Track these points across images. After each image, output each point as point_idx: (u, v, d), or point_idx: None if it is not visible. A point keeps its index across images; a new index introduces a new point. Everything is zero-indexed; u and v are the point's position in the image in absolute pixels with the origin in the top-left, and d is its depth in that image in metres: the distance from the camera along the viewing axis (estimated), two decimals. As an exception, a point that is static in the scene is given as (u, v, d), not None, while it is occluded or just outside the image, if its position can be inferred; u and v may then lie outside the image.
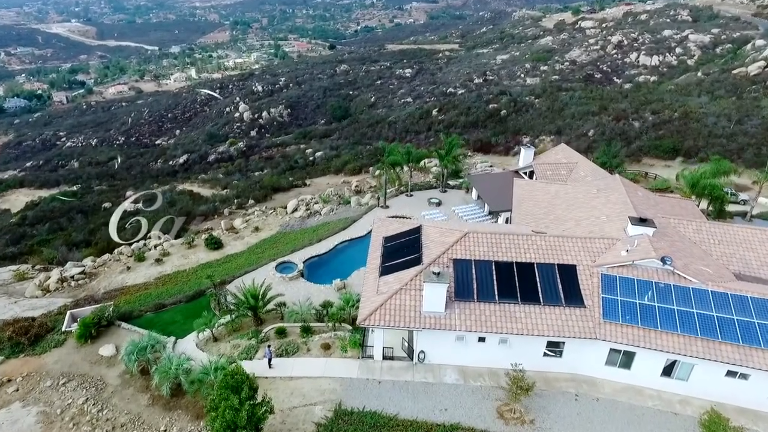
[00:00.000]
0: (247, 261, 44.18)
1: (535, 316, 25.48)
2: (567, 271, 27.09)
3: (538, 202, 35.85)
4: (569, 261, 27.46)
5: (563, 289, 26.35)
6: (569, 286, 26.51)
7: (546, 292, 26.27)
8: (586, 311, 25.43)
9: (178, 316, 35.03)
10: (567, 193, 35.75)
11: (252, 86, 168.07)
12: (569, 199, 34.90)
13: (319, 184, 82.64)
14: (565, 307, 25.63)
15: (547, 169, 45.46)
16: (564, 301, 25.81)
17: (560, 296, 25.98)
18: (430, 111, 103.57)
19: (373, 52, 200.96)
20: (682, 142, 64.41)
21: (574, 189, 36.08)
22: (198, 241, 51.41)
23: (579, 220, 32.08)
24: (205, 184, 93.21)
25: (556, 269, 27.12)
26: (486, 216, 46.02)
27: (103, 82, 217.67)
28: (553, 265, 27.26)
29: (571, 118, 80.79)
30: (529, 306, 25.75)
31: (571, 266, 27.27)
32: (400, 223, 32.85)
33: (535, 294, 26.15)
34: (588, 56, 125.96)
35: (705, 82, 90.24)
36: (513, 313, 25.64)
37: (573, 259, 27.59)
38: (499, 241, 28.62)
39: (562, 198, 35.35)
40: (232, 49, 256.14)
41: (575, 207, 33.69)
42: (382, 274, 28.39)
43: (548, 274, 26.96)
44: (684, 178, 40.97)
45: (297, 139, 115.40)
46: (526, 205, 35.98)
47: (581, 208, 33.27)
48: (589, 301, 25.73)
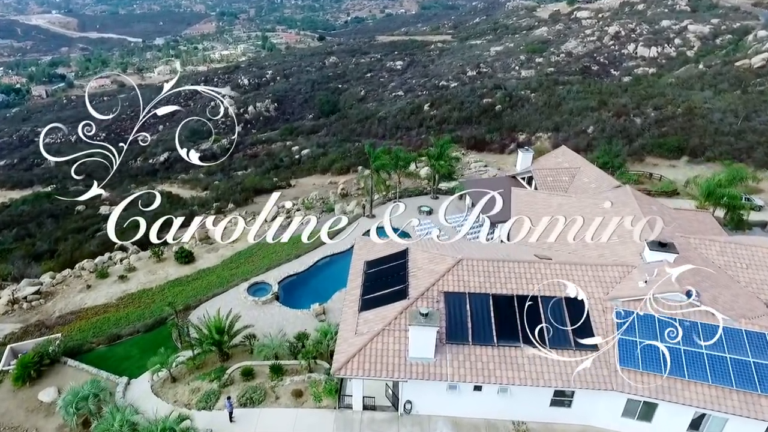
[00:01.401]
0: (219, 279, 40.12)
1: (540, 362, 21.73)
2: (576, 306, 23.20)
3: (539, 215, 31.92)
4: (579, 293, 23.63)
5: (572, 329, 22.53)
6: (579, 324, 22.71)
7: (553, 332, 22.47)
8: (600, 356, 21.68)
9: (134, 349, 30.93)
10: (572, 207, 31.86)
11: (238, 79, 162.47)
12: (576, 213, 31.00)
13: (304, 184, 78.43)
14: (575, 350, 21.87)
15: (548, 174, 41.60)
16: (574, 343, 22.03)
17: (569, 337, 22.19)
18: (422, 106, 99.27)
19: (364, 44, 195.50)
20: (687, 141, 60.80)
21: (580, 202, 32.22)
22: (168, 254, 47.19)
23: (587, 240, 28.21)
24: (185, 184, 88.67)
25: (564, 304, 23.33)
26: (480, 226, 42.13)
27: (85, 75, 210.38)
28: (560, 299, 23.45)
29: (569, 114, 76.93)
30: (532, 349, 21.96)
31: (581, 300, 23.44)
32: (384, 244, 28.84)
33: (540, 334, 22.33)
34: (584, 48, 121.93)
35: (707, 75, 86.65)
36: (514, 359, 21.87)
37: (583, 290, 23.74)
38: (498, 270, 24.76)
39: (566, 213, 31.43)
40: (219, 41, 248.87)
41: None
42: (362, 308, 24.46)
43: (555, 309, 23.15)
44: (699, 187, 37.26)
45: (283, 135, 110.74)
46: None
47: (590, 219, 29.38)
48: (603, 343, 21.96)
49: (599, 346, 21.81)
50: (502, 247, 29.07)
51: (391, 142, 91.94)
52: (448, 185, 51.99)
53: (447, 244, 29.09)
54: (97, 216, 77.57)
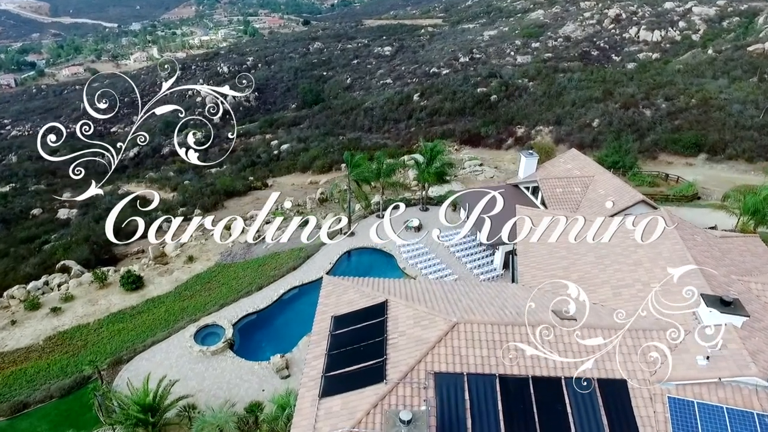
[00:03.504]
0: (167, 315, 33.66)
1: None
2: (614, 391, 17.08)
3: (553, 249, 25.66)
4: (615, 373, 17.45)
5: (609, 425, 16.42)
6: (618, 417, 16.59)
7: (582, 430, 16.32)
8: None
9: (43, 425, 24.39)
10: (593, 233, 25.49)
11: (217, 67, 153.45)
12: (598, 245, 24.70)
13: (282, 184, 71.55)
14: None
15: (557, 185, 35.23)
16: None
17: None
18: (411, 96, 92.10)
19: (350, 29, 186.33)
20: (705, 136, 54.67)
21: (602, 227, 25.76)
22: (113, 278, 40.51)
23: (617, 285, 22.03)
24: (153, 184, 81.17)
25: (597, 389, 17.10)
26: (477, 244, 35.85)
27: (57, 63, 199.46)
28: (590, 382, 17.20)
29: (571, 105, 70.38)
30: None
31: (620, 382, 17.27)
32: (356, 291, 22.39)
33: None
34: (583, 32, 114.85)
35: (718, 61, 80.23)
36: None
37: (621, 368, 17.56)
38: (506, 337, 18.43)
39: (587, 243, 25.11)
40: (198, 26, 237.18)
41: (609, 260, 23.57)
42: (324, 393, 18.03)
43: (585, 398, 16.93)
44: (742, 205, 31.04)
45: (262, 127, 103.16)
46: (536, 253, 25.78)
47: (618, 264, 23.17)
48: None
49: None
50: (509, 293, 22.69)
51: (378, 136, 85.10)
52: (439, 191, 45.48)
53: (437, 289, 22.79)
54: (53, 222, 70.24)
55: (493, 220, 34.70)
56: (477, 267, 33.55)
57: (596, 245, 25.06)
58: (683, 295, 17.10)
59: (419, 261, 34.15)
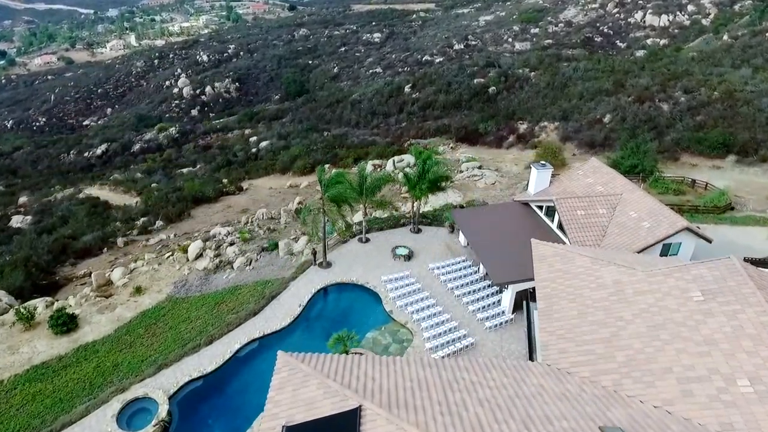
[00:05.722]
0: (97, 373, 27.08)
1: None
2: None
3: (585, 307, 19.13)
4: None
5: None
6: None
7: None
8: None
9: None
10: (640, 291, 19.00)
11: (196, 56, 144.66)
12: (649, 308, 18.20)
13: (259, 189, 64.48)
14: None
15: (577, 206, 28.63)
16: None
17: None
18: (402, 87, 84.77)
19: (338, 14, 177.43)
20: (733, 134, 48.28)
21: (652, 284, 19.17)
22: (43, 315, 33.68)
23: (686, 377, 15.50)
24: (117, 186, 73.56)
25: None
26: (480, 278, 29.36)
27: (29, 51, 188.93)
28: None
29: (578, 99, 63.63)
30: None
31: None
32: (319, 385, 15.76)
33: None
34: (586, 16, 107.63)
35: (735, 48, 73.63)
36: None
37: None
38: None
39: (633, 303, 18.62)
40: (179, 12, 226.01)
41: (666, 333, 17.04)
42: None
43: None
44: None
45: (241, 121, 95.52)
46: (562, 313, 19.26)
47: (681, 339, 16.65)
48: None
49: None
50: (532, 388, 16.12)
51: (366, 132, 77.98)
52: (434, 202, 38.78)
53: (434, 379, 16.38)
54: (4, 231, 62.71)
55: (500, 250, 27.30)
56: (480, 309, 27.07)
57: (645, 306, 18.62)
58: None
59: (409, 301, 27.58)
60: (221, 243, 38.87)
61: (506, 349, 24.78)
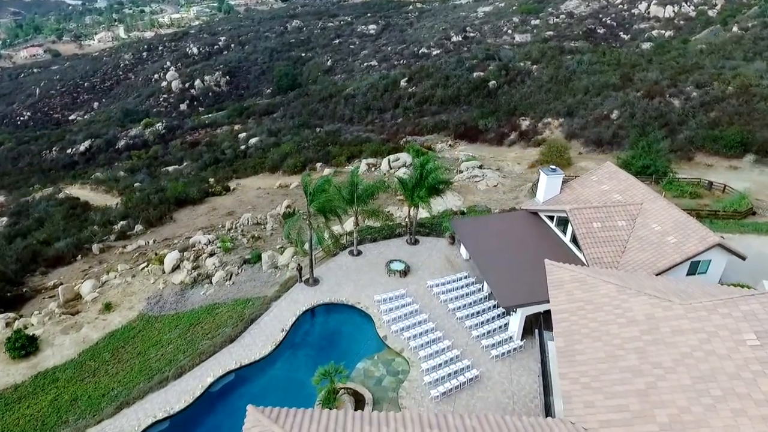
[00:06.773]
0: (50, 410, 24.02)
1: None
2: None
3: (614, 349, 16.03)
4: None
5: None
6: None
7: None
8: None
9: None
10: (680, 330, 15.91)
11: (186, 48, 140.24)
12: (693, 353, 15.10)
13: (246, 189, 61.03)
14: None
15: (593, 217, 25.52)
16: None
17: None
18: (398, 81, 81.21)
19: (332, 5, 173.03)
20: (751, 132, 45.27)
21: (693, 322, 16.07)
22: (0, 336, 30.56)
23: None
24: (99, 186, 70.04)
25: None
26: (485, 298, 26.30)
27: (14, 44, 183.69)
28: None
29: (584, 93, 60.41)
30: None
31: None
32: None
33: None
34: (588, 7, 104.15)
35: (745, 40, 70.50)
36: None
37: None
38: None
39: (671, 345, 15.51)
40: (169, 3, 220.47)
41: (716, 387, 13.97)
42: None
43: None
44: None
45: (231, 117, 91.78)
46: (586, 354, 16.18)
47: (736, 397, 13.59)
48: None
49: None
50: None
51: (360, 128, 74.54)
52: (429, 212, 35.41)
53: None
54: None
55: (506, 267, 23.94)
56: (485, 335, 24.01)
57: (688, 350, 15.54)
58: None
59: (406, 325, 24.49)
60: (200, 253, 35.59)
61: (516, 383, 21.76)
